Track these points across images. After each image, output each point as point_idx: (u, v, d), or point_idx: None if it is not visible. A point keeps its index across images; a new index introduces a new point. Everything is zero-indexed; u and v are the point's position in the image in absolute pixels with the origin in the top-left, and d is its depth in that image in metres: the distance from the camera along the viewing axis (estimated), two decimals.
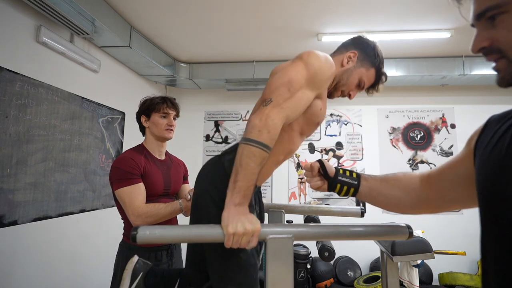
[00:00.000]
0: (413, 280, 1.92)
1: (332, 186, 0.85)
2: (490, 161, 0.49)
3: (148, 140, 1.50)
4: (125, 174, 1.31)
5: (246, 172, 0.77)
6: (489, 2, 0.47)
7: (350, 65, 1.02)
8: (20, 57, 1.78)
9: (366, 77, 1.04)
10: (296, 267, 2.79)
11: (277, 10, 2.29)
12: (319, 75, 0.91)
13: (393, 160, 3.48)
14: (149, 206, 1.29)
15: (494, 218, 0.47)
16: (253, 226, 0.74)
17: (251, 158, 0.78)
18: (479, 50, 0.50)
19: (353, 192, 0.84)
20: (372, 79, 1.06)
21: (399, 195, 0.78)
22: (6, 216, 1.66)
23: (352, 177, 0.84)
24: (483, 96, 3.42)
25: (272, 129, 0.80)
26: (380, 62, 1.05)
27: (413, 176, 0.77)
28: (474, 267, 3.12)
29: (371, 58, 1.04)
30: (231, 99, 3.75)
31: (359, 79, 1.04)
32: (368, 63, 1.04)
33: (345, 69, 1.02)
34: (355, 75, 1.03)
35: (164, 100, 1.47)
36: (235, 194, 0.77)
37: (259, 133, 0.79)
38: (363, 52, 1.04)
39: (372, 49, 1.04)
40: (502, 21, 0.46)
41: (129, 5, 2.25)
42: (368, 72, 1.04)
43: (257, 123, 0.80)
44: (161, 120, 1.45)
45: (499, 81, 0.50)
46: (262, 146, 0.78)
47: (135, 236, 0.70)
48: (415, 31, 2.57)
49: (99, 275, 2.40)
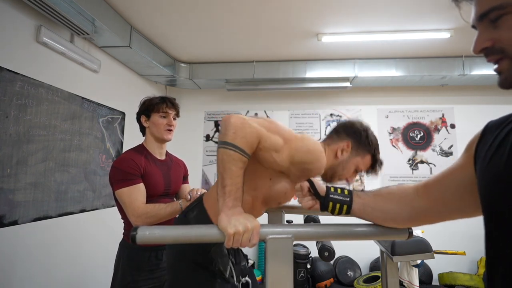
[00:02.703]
0: (413, 280, 1.92)
1: (324, 205, 0.82)
2: (493, 167, 0.49)
3: (148, 140, 1.50)
4: (125, 174, 1.30)
5: (231, 175, 0.78)
6: (493, 2, 0.47)
7: (344, 156, 1.03)
8: (20, 57, 1.78)
9: (362, 164, 1.05)
10: (296, 267, 2.79)
11: (277, 10, 2.29)
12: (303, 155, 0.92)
13: (393, 160, 3.48)
14: (149, 207, 1.29)
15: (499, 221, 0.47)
16: (252, 223, 0.74)
17: (231, 162, 0.79)
18: (481, 50, 0.50)
19: (347, 209, 0.80)
20: (369, 163, 1.07)
21: (394, 208, 0.75)
22: (6, 216, 1.66)
23: (343, 194, 0.81)
24: (483, 96, 3.42)
25: (248, 136, 0.81)
26: (375, 148, 1.05)
27: (408, 188, 0.74)
28: (473, 267, 3.12)
29: (365, 146, 1.04)
30: (231, 99, 3.75)
31: (356, 167, 1.05)
32: (363, 151, 1.04)
33: (340, 160, 1.03)
34: (350, 165, 1.04)
35: (163, 100, 1.47)
36: (227, 198, 0.77)
37: (234, 136, 0.80)
38: (356, 141, 1.04)
39: (365, 137, 1.04)
40: (506, 22, 0.46)
41: (129, 5, 2.25)
42: (363, 160, 1.05)
43: (233, 123, 0.81)
44: (160, 120, 1.45)
45: (502, 82, 0.50)
46: (239, 150, 0.79)
47: (134, 237, 0.69)
48: (415, 31, 2.57)
49: (99, 275, 2.40)
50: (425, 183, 0.71)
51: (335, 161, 1.03)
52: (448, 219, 0.69)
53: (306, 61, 3.23)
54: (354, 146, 1.03)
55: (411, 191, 0.73)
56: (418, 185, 0.72)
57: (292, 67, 3.24)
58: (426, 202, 0.69)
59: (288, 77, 3.24)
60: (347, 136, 1.04)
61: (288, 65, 3.24)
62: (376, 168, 1.08)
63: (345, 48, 2.94)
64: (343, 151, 1.03)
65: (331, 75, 3.17)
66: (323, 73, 3.20)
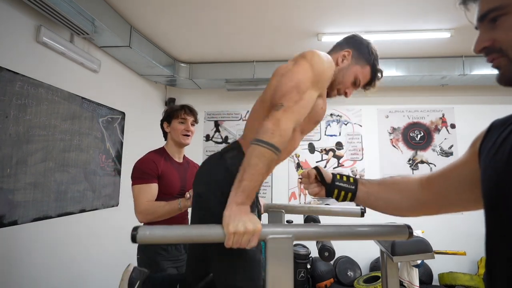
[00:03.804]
0: (413, 280, 1.92)
1: (330, 191, 0.85)
2: (495, 164, 0.50)
3: (169, 144, 1.64)
4: (141, 173, 1.46)
5: (253, 172, 0.77)
6: (491, 4, 0.48)
7: (345, 63, 1.03)
8: (20, 57, 1.78)
9: (361, 74, 1.05)
10: (296, 267, 2.79)
11: (277, 10, 2.29)
12: (323, 76, 0.92)
13: (393, 160, 3.48)
14: (149, 204, 1.41)
15: (500, 218, 0.48)
16: (254, 225, 0.74)
17: (260, 158, 0.78)
18: (481, 50, 0.52)
19: (351, 197, 0.84)
20: (368, 76, 1.07)
21: (397, 198, 0.77)
22: (6, 216, 1.66)
23: (349, 182, 0.84)
24: (483, 96, 3.42)
25: (284, 133, 0.81)
26: (375, 59, 1.06)
27: (412, 179, 0.77)
28: (474, 267, 3.12)
29: (365, 56, 1.04)
30: (231, 99, 3.75)
31: (355, 77, 1.05)
32: (363, 60, 1.04)
33: (340, 67, 1.03)
34: (350, 73, 1.04)
35: (182, 107, 1.63)
36: (239, 193, 0.77)
37: (271, 135, 0.79)
38: (357, 50, 1.04)
39: (366, 47, 1.05)
40: (503, 22, 0.48)
41: (129, 5, 2.25)
42: (363, 70, 1.05)
43: (270, 127, 0.81)
44: (179, 125, 1.59)
45: (500, 77, 0.51)
46: (273, 148, 0.79)
47: (135, 236, 0.70)
48: (415, 31, 2.57)
49: (99, 275, 2.40)
50: (429, 176, 0.73)
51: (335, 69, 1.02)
52: (448, 212, 0.72)
53: None
54: (354, 55, 1.04)
55: (415, 183, 0.75)
56: (422, 178, 0.75)
57: None
58: (428, 194, 0.71)
59: None
60: (348, 46, 1.06)
61: None
62: (375, 82, 1.08)
63: None
64: (344, 59, 1.04)
65: None
66: None
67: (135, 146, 2.95)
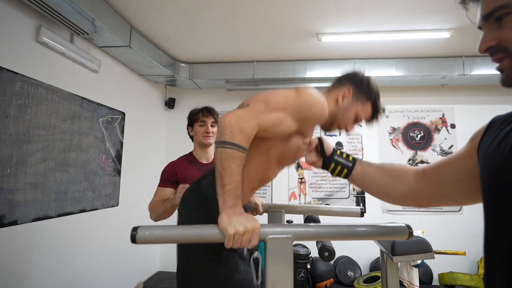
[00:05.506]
0: (413, 280, 1.92)
1: (327, 164, 0.86)
2: (494, 159, 0.50)
3: (195, 147, 1.71)
4: (162, 177, 1.60)
5: (230, 173, 0.78)
6: (497, 2, 0.48)
7: (345, 102, 1.02)
8: (20, 57, 1.78)
9: (362, 111, 1.04)
10: (296, 267, 2.79)
11: (277, 10, 2.29)
12: (305, 111, 0.91)
13: (393, 160, 3.47)
14: (153, 203, 1.54)
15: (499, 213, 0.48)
16: (252, 224, 0.74)
17: (230, 160, 0.79)
18: (486, 50, 0.51)
19: (346, 173, 0.84)
20: (369, 113, 1.06)
21: (391, 184, 0.78)
22: (6, 216, 1.66)
23: (348, 159, 0.85)
24: (483, 96, 3.41)
25: (245, 130, 0.81)
26: (376, 96, 1.05)
27: (409, 168, 0.78)
28: (474, 267, 3.12)
29: (366, 93, 1.03)
30: (231, 99, 3.74)
31: (356, 115, 1.04)
32: (364, 98, 1.03)
33: (341, 106, 1.02)
34: (351, 111, 1.03)
35: (201, 110, 1.67)
36: (227, 197, 0.77)
37: (231, 134, 0.79)
38: (357, 88, 1.03)
39: (366, 84, 1.04)
40: (510, 21, 0.47)
41: (129, 5, 2.25)
42: (364, 107, 1.04)
43: (227, 123, 0.81)
44: (199, 128, 1.65)
45: (504, 80, 0.51)
46: (237, 147, 0.79)
47: (134, 236, 0.70)
48: (415, 31, 2.57)
49: (99, 275, 2.40)
50: (424, 168, 0.74)
51: (335, 107, 1.02)
52: (439, 205, 0.73)
53: (306, 61, 3.22)
54: (355, 93, 1.03)
55: (411, 172, 0.76)
56: (419, 169, 0.76)
57: (292, 67, 3.24)
58: (422, 185, 0.72)
59: (288, 77, 3.24)
60: (349, 83, 1.04)
61: (288, 65, 3.24)
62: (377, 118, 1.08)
63: (345, 48, 2.94)
64: (344, 97, 1.02)
65: (331, 75, 3.17)
66: (323, 73, 3.19)
67: (135, 146, 2.95)
